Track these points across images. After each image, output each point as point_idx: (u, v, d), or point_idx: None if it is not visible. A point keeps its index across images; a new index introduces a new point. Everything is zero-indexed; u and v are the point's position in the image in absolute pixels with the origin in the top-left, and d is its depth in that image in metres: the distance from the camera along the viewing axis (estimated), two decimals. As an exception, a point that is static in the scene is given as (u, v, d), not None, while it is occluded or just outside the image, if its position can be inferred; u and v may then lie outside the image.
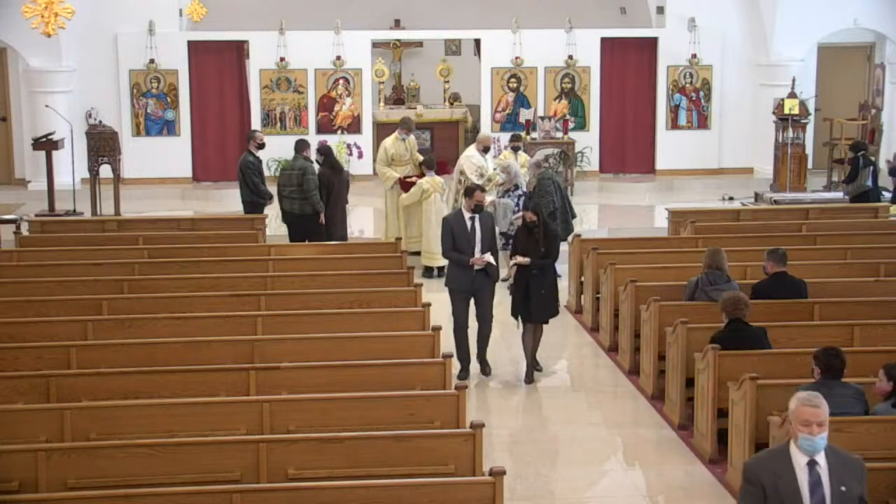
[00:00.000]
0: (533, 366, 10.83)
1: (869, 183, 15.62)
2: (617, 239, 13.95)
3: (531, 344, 10.79)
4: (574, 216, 14.43)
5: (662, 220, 16.04)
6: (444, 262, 14.30)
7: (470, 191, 10.77)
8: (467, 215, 10.68)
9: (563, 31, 19.79)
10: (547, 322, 10.82)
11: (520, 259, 10.61)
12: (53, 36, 12.44)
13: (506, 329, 11.66)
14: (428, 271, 14.32)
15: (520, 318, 10.79)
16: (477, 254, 10.57)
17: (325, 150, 14.62)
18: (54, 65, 18.73)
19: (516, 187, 14.00)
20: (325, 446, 6.97)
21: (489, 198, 13.10)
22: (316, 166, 14.26)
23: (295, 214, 14.06)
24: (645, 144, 20.35)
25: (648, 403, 10.17)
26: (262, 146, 14.68)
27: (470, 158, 14.85)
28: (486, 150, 14.98)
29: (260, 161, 14.72)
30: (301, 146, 14.21)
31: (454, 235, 10.62)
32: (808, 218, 14.08)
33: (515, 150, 15.59)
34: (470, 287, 10.65)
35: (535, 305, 10.58)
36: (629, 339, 10.96)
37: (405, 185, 14.81)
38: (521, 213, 12.97)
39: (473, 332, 10.85)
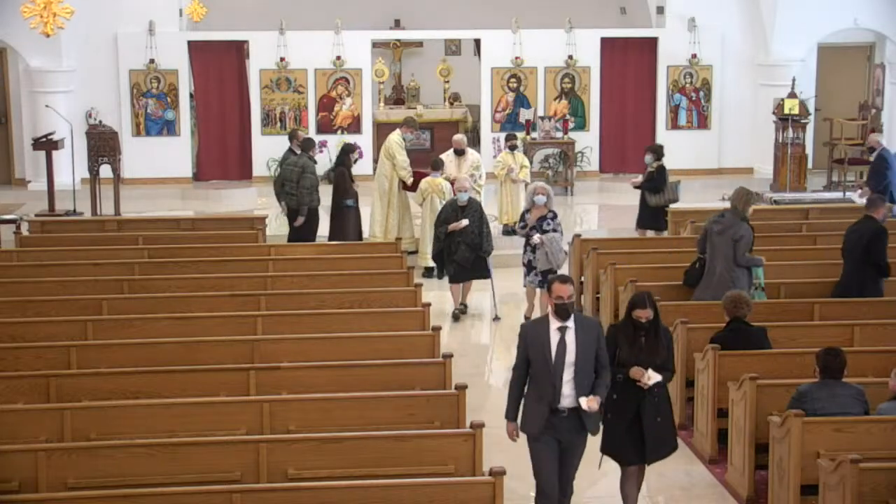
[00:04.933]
0: None
1: (679, 193, 14.70)
2: (617, 239, 13.94)
3: (634, 493, 7.88)
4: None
5: (662, 221, 15.99)
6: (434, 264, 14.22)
7: (546, 285, 8.06)
8: (554, 325, 7.14)
9: (563, 31, 19.77)
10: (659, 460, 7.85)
11: (648, 377, 7.43)
12: (53, 36, 12.44)
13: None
14: (428, 271, 14.31)
15: (611, 457, 7.79)
16: (567, 388, 7.10)
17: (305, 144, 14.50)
18: (54, 65, 18.72)
19: (555, 215, 11.96)
20: (325, 446, 6.98)
21: (535, 238, 11.61)
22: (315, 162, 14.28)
23: (293, 210, 14.10)
24: (645, 144, 20.25)
25: (648, 403, 10.15)
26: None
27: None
28: (459, 152, 14.79)
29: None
30: (307, 144, 14.25)
31: (528, 351, 7.21)
32: (808, 218, 14.06)
33: (512, 149, 15.58)
34: (550, 433, 7.24)
35: (649, 439, 7.53)
36: (629, 339, 10.94)
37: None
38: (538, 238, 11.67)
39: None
